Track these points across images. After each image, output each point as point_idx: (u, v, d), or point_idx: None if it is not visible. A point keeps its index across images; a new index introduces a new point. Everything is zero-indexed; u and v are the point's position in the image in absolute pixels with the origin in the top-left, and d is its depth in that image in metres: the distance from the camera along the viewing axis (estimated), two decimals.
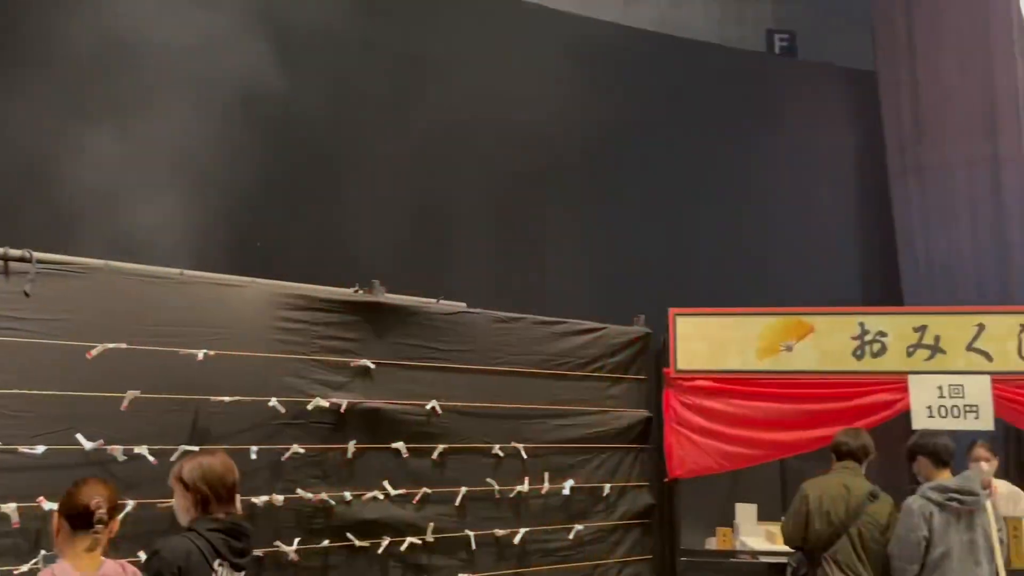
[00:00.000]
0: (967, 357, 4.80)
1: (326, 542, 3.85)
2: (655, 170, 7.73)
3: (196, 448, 3.35)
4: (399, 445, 4.08)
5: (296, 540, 3.74)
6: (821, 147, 8.38)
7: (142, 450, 3.36)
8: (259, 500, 3.65)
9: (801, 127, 8.25)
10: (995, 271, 7.51)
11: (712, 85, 8.12)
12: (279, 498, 3.70)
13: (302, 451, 3.80)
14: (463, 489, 4.27)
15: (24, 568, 3.04)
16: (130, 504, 3.24)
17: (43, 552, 2.99)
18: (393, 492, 4.05)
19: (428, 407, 4.22)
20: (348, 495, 3.92)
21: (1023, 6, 7.64)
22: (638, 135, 7.66)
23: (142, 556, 2.74)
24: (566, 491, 4.63)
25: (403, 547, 4.03)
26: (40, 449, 3.15)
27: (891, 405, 4.83)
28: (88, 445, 3.23)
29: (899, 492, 4.46)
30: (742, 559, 4.85)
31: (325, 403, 3.89)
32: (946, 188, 7.74)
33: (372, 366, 4.07)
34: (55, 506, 2.60)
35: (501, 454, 4.45)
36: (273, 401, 3.74)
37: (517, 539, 4.42)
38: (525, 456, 4.52)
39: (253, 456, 3.65)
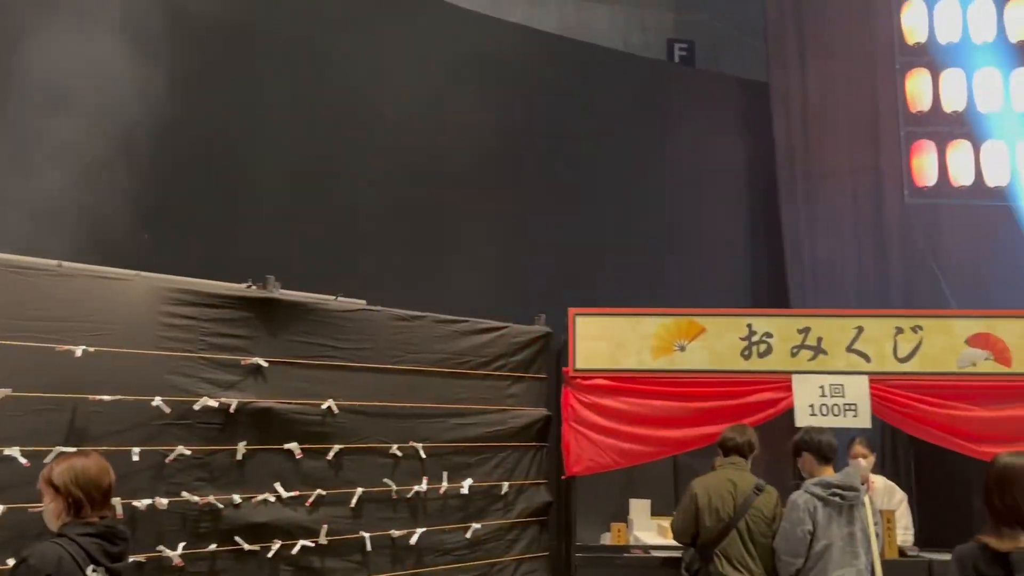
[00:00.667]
0: (847, 358, 5.04)
1: (213, 546, 3.71)
2: (557, 172, 7.83)
3: (73, 449, 3.17)
4: (292, 446, 3.98)
5: (181, 544, 3.58)
6: (716, 154, 8.65)
7: (13, 451, 3.16)
8: (141, 503, 3.48)
9: (697, 134, 8.50)
10: (875, 276, 7.95)
11: (614, 90, 8.28)
12: (163, 501, 3.55)
13: (188, 452, 3.65)
14: (359, 490, 4.19)
15: None
16: None
17: None
18: (285, 494, 3.93)
19: (324, 407, 4.12)
20: (237, 498, 3.79)
21: (904, 24, 8.12)
22: (541, 136, 7.73)
23: (11, 563, 2.58)
24: (464, 490, 4.62)
25: (295, 550, 3.93)
26: None
27: (776, 403, 5.01)
28: None
29: (784, 487, 4.67)
30: (635, 554, 4.94)
31: (213, 403, 3.75)
32: (831, 196, 8.13)
33: (264, 364, 3.94)
34: None
35: (399, 454, 4.39)
36: (157, 400, 3.58)
37: (414, 539, 4.37)
38: (424, 456, 4.48)
39: (135, 458, 3.49)
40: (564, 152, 7.80)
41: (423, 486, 4.45)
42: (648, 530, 5.44)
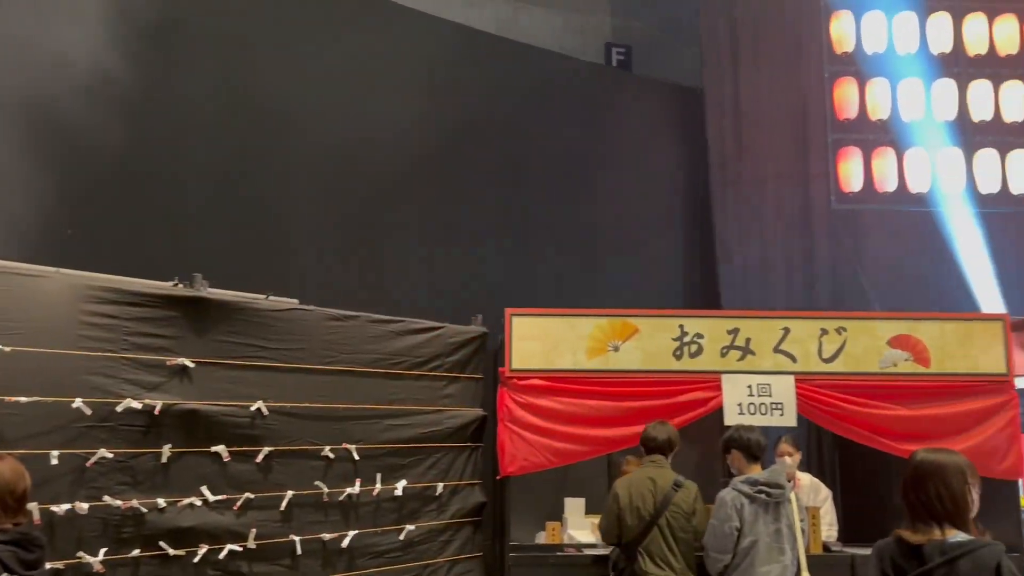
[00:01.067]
0: (774, 358, 5.16)
1: (136, 552, 3.61)
2: (495, 172, 7.82)
3: None
4: (220, 449, 3.89)
5: (102, 551, 3.48)
6: (653, 158, 8.78)
7: None
8: (60, 508, 3.37)
9: (634, 138, 8.61)
10: (803, 279, 8.16)
11: (551, 92, 8.32)
12: (83, 506, 3.43)
13: (110, 455, 3.54)
14: (289, 493, 4.13)
15: None
16: None
17: None
18: (212, 498, 3.85)
19: (253, 408, 4.04)
20: (162, 502, 3.69)
21: (832, 34, 8.36)
22: (477, 137, 7.71)
23: None
24: (398, 492, 4.59)
25: (222, 555, 3.84)
26: None
27: (706, 403, 5.11)
28: None
29: (715, 485, 4.76)
30: (568, 553, 4.98)
31: (137, 404, 3.64)
32: (762, 200, 8.32)
33: (191, 365, 3.85)
34: None
35: (331, 456, 4.34)
36: (78, 402, 3.47)
37: (346, 542, 4.33)
38: (357, 457, 4.44)
39: (54, 461, 3.37)
40: (501, 153, 7.81)
41: (356, 488, 4.40)
42: (582, 528, 5.48)
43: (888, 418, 4.99)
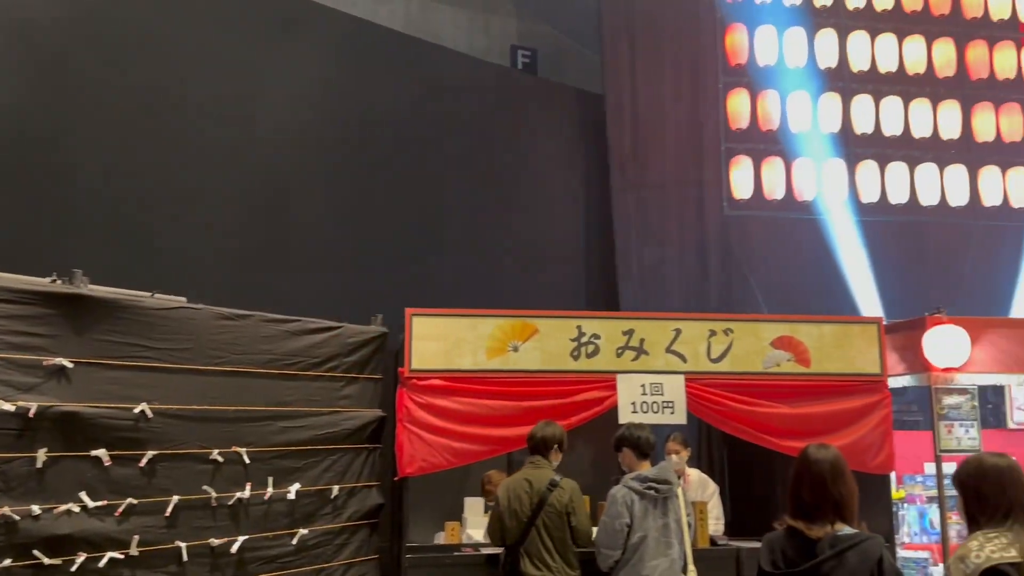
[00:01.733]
0: (666, 358, 5.31)
1: (8, 561, 3.42)
2: (397, 171, 7.77)
3: None
4: (100, 452, 3.72)
5: None
6: (556, 161, 8.91)
7: None
8: None
9: (537, 141, 8.71)
10: (696, 282, 8.45)
11: (456, 92, 8.32)
12: None
13: None
14: (175, 498, 3.98)
15: None
16: None
17: None
18: (92, 504, 3.68)
19: (137, 410, 3.88)
20: (36, 508, 3.51)
21: (727, 46, 8.68)
22: (382, 135, 7.66)
23: None
24: (291, 495, 4.50)
25: (102, 563, 3.68)
26: None
27: (602, 402, 5.21)
28: None
29: (610, 482, 4.86)
30: (464, 552, 4.99)
31: (9, 406, 3.45)
32: (659, 205, 8.56)
33: (69, 365, 3.67)
34: None
35: (220, 459, 4.21)
36: None
37: (235, 548, 4.21)
38: (248, 460, 4.32)
39: None
40: (404, 151, 7.76)
41: (246, 492, 4.29)
42: (481, 528, 5.51)
43: (771, 416, 5.22)
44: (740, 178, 8.44)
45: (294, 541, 4.49)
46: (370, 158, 7.58)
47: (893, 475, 5.75)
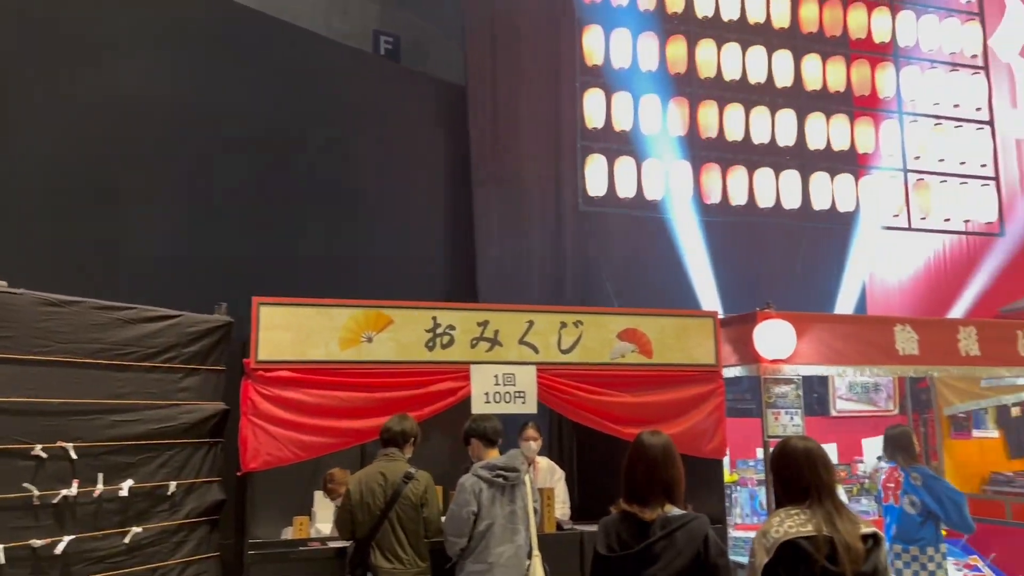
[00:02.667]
0: (519, 349, 5.42)
1: None
2: (248, 154, 7.47)
3: None
4: None
5: None
6: (417, 151, 8.84)
7: None
8: None
9: (398, 129, 8.62)
10: (553, 276, 8.64)
11: (315, 76, 8.10)
12: None
13: None
14: None
15: None
16: None
17: None
18: None
19: None
20: None
21: (585, 46, 8.91)
22: (230, 114, 7.33)
23: None
24: (124, 492, 4.26)
25: None
26: None
27: (456, 392, 5.25)
28: None
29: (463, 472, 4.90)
30: (311, 547, 4.90)
31: None
32: (517, 199, 8.68)
33: None
34: None
35: (44, 455, 3.94)
36: None
37: (59, 548, 3.95)
38: (75, 456, 4.06)
39: None
40: (256, 134, 7.47)
41: (73, 490, 4.04)
42: (330, 522, 5.43)
43: (615, 404, 5.44)
44: (594, 176, 8.69)
45: (126, 540, 4.26)
46: (219, 139, 7.25)
47: (727, 459, 6.12)
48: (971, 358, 6.51)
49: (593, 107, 8.78)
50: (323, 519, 5.51)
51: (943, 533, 5.57)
